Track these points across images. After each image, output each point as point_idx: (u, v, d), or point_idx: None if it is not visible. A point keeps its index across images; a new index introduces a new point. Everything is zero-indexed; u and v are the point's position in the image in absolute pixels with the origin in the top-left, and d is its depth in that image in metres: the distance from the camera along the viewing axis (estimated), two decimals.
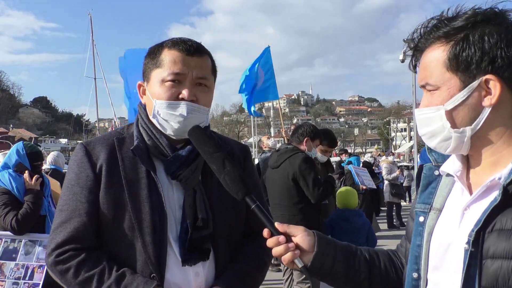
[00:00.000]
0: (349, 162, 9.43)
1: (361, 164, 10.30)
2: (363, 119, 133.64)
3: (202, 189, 1.55)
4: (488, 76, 1.03)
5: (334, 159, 12.46)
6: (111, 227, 1.48)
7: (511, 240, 0.95)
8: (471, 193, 1.10)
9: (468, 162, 1.14)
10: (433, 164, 1.22)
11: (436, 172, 1.21)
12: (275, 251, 1.26)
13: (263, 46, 8.44)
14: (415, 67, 1.17)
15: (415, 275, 1.17)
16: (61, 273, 1.46)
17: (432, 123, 1.11)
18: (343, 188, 5.05)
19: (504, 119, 1.06)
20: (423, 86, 1.14)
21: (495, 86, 1.02)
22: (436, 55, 1.09)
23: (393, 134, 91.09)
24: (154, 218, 1.47)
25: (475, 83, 1.04)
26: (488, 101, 1.04)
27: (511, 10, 1.07)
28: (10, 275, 3.54)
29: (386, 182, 11.56)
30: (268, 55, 8.24)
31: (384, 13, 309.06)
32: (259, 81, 8.12)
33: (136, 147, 1.52)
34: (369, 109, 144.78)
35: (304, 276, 4.13)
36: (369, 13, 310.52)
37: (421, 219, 1.18)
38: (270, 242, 1.26)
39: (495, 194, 1.00)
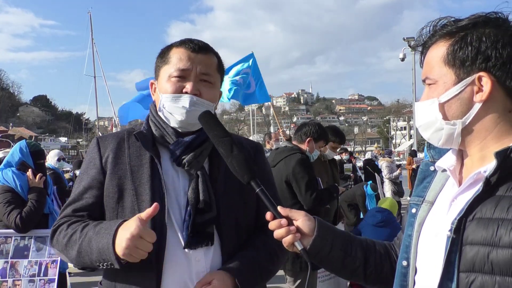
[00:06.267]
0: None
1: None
2: (363, 117, 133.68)
3: (207, 176, 1.58)
4: (481, 73, 1.08)
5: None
6: (115, 211, 1.55)
7: (488, 228, 1.00)
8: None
9: (463, 158, 1.19)
10: (430, 160, 1.27)
11: (432, 168, 1.26)
12: (277, 233, 1.31)
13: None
14: (423, 63, 1.22)
15: (404, 263, 1.23)
16: (57, 240, 1.54)
17: (427, 115, 1.17)
18: (388, 199, 5.46)
19: (494, 116, 1.10)
20: (423, 81, 1.20)
21: (486, 83, 1.08)
22: (438, 52, 1.15)
23: (392, 132, 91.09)
24: (155, 199, 1.50)
25: (469, 79, 1.10)
26: (479, 97, 1.09)
27: None
28: (25, 273, 3.57)
29: (386, 181, 11.57)
30: (255, 62, 8.29)
31: (387, 10, 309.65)
32: (251, 89, 8.22)
33: (139, 133, 1.60)
34: (369, 108, 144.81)
35: (296, 285, 3.96)
36: (372, 10, 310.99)
37: (414, 210, 1.24)
38: (272, 225, 1.31)
39: (479, 186, 1.06)
